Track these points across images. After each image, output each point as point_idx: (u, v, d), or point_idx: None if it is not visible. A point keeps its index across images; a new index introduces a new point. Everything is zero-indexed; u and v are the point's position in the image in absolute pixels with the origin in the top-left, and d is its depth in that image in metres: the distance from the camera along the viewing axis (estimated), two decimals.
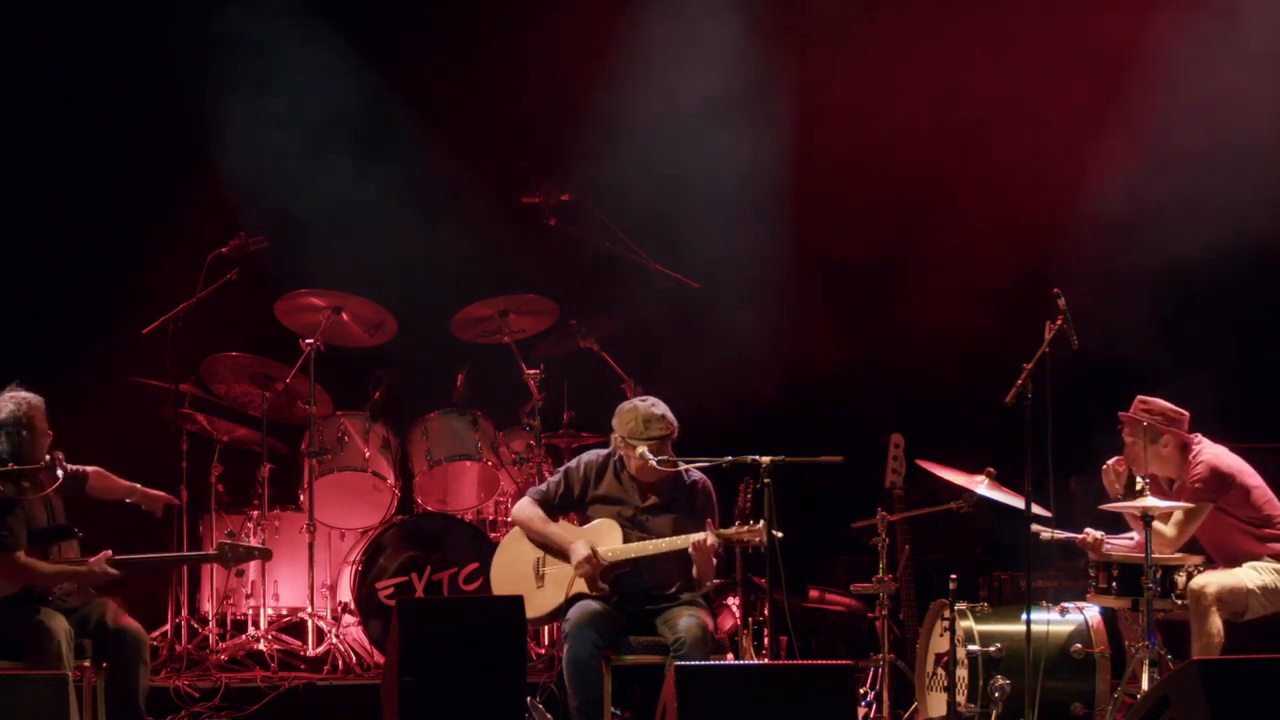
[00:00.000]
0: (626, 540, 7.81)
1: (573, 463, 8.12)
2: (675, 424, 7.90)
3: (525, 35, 10.64)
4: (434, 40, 10.69)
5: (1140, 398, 8.17)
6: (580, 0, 10.49)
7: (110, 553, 7.56)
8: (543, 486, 8.11)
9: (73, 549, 7.60)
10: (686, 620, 7.64)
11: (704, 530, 7.71)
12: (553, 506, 8.02)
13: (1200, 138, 9.89)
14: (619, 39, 10.45)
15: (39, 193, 10.32)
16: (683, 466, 7.84)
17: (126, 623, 7.57)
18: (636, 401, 7.98)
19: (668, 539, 7.76)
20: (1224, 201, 9.88)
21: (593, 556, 7.75)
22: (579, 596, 7.80)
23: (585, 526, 7.95)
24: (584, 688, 7.64)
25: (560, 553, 7.90)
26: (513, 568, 8.02)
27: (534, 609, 7.86)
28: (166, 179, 10.40)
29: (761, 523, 7.48)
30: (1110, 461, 8.21)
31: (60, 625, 7.31)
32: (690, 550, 7.69)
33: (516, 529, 8.08)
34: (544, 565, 7.94)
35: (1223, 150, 9.86)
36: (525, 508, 8.03)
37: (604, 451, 8.08)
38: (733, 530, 7.63)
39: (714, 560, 7.79)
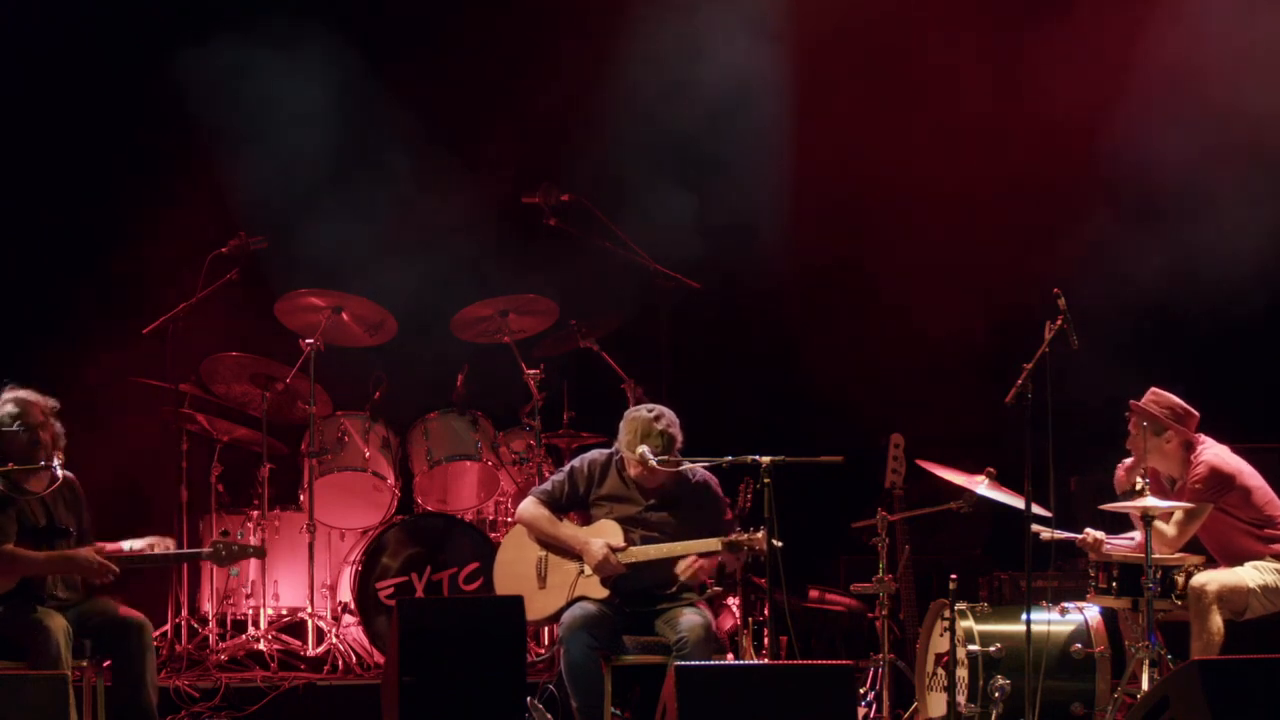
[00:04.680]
0: (627, 541, 7.80)
1: (576, 461, 8.09)
2: (677, 436, 7.87)
3: (526, 34, 10.64)
4: (433, 39, 10.68)
5: (1154, 389, 8.17)
6: None
7: (103, 545, 7.53)
8: (546, 486, 8.06)
9: (67, 548, 7.57)
10: (689, 619, 7.64)
11: (720, 530, 7.73)
12: (559, 506, 7.98)
13: (1207, 136, 9.90)
14: (621, 37, 10.44)
15: (39, 192, 10.31)
16: (684, 466, 7.83)
17: (127, 612, 7.55)
18: (642, 411, 7.94)
19: (683, 543, 7.74)
20: (1227, 201, 9.90)
21: (612, 555, 7.73)
22: (580, 599, 7.79)
23: (586, 528, 7.94)
24: (584, 690, 7.64)
25: (568, 553, 7.88)
26: (514, 568, 8.00)
27: (535, 611, 7.85)
28: (167, 178, 10.39)
29: (760, 532, 7.46)
30: (1122, 464, 8.21)
31: (59, 624, 7.29)
32: (711, 557, 7.73)
33: (518, 528, 8.06)
34: (546, 566, 7.92)
35: (1229, 148, 9.88)
36: (531, 508, 7.99)
37: (608, 450, 8.07)
38: (735, 537, 7.62)
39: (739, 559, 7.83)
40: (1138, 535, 8.02)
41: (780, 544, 7.48)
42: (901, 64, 10.48)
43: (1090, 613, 8.08)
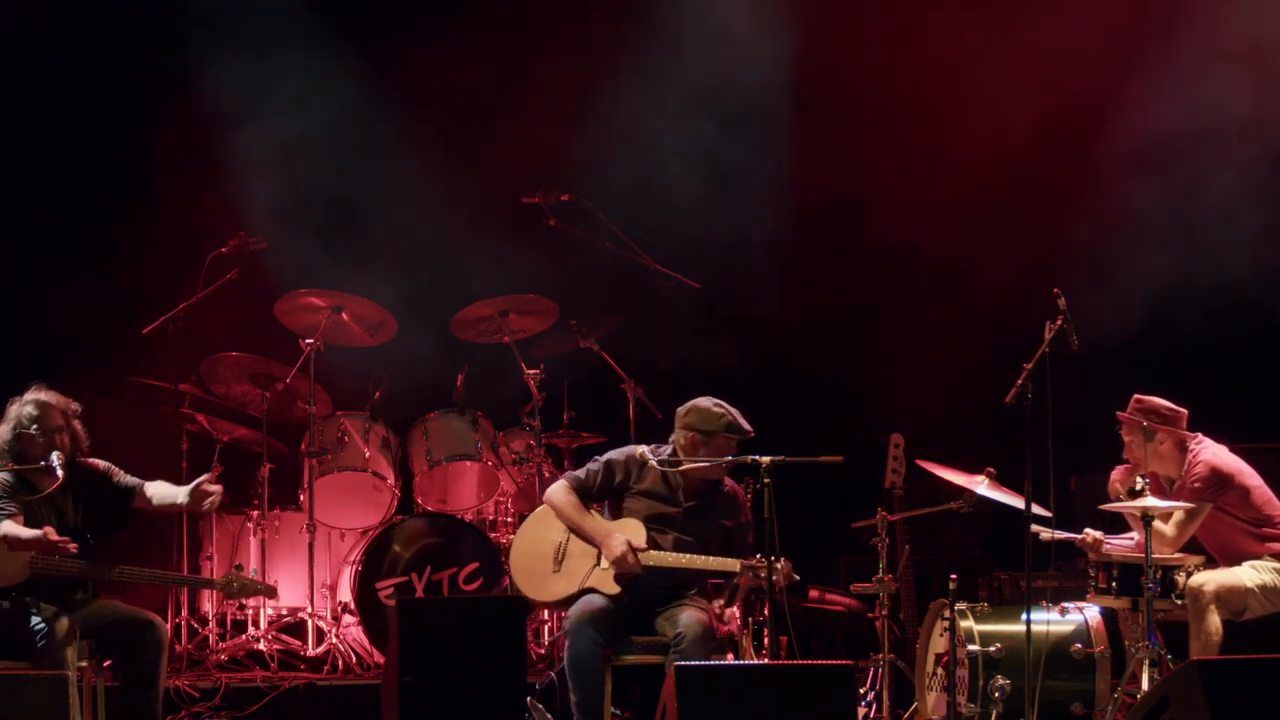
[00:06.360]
0: (654, 542, 7.78)
1: (614, 454, 7.96)
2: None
3: (526, 34, 10.64)
4: (434, 39, 10.68)
5: (1136, 396, 8.17)
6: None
7: (51, 529, 7.41)
8: (579, 474, 7.94)
9: (87, 548, 7.55)
10: (688, 616, 7.62)
11: (744, 552, 7.74)
12: (589, 495, 7.90)
13: (1206, 136, 9.90)
14: (620, 37, 10.45)
15: (39, 192, 10.31)
16: (684, 467, 7.82)
17: (142, 612, 7.55)
18: (706, 401, 7.90)
19: (704, 558, 7.68)
20: (1226, 199, 9.90)
21: (631, 554, 7.70)
22: (590, 591, 7.78)
23: (611, 523, 7.87)
24: (585, 685, 7.62)
25: (589, 543, 7.84)
26: (534, 546, 7.94)
27: (545, 593, 7.86)
28: (167, 178, 10.39)
29: (781, 561, 7.46)
30: (1114, 473, 8.20)
31: (66, 624, 7.29)
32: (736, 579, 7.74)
33: (546, 508, 7.99)
34: (565, 551, 7.89)
35: (1228, 145, 9.89)
36: (561, 494, 7.90)
37: (646, 447, 7.95)
38: (756, 562, 7.58)
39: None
40: (1137, 535, 8.03)
41: (798, 578, 7.51)
42: (901, 62, 10.47)
43: (1090, 613, 8.08)
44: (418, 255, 10.42)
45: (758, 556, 7.59)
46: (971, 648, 7.92)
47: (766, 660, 8.01)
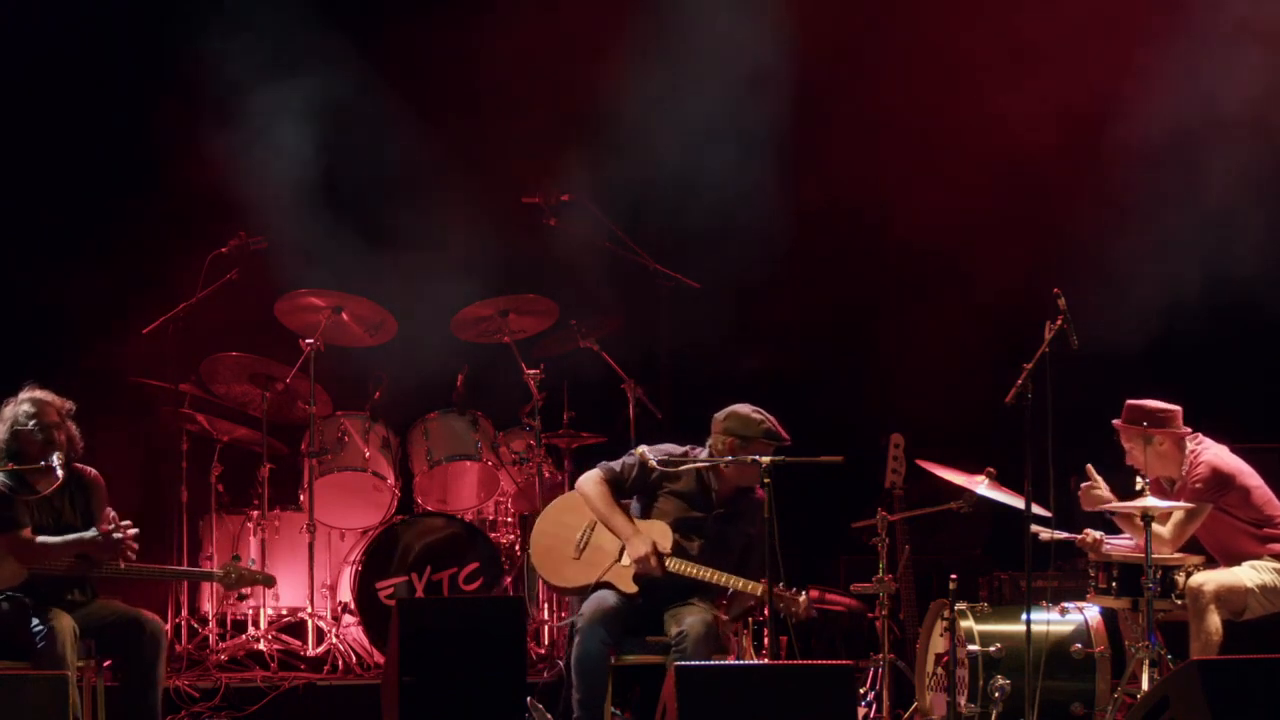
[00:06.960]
0: (679, 549, 7.76)
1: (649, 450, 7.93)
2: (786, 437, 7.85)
3: (527, 32, 10.63)
4: (435, 37, 10.68)
5: (1129, 402, 8.16)
6: None
7: (113, 514, 7.48)
8: (614, 465, 7.90)
9: None
10: (693, 617, 7.60)
11: (760, 559, 7.63)
12: (621, 488, 7.88)
13: (1207, 136, 9.91)
14: (620, 36, 10.45)
15: (39, 192, 10.31)
16: (684, 467, 7.81)
17: (142, 612, 7.55)
18: (745, 408, 7.89)
19: (725, 576, 7.63)
20: (1228, 199, 9.90)
21: (655, 556, 7.67)
22: (606, 585, 7.76)
23: (640, 521, 7.85)
24: (589, 683, 7.61)
25: (615, 536, 7.82)
26: (559, 530, 7.92)
27: (560, 577, 7.87)
28: (166, 177, 10.39)
29: (804, 596, 7.45)
30: (1083, 485, 8.18)
31: (66, 624, 7.29)
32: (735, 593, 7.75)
33: (577, 496, 7.95)
34: (588, 540, 7.87)
35: (1230, 147, 9.89)
36: (593, 484, 7.86)
37: (682, 447, 7.92)
38: (777, 591, 7.51)
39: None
40: (1135, 537, 8.02)
41: (815, 614, 7.48)
42: (904, 63, 10.47)
43: (1090, 613, 8.08)
44: (418, 255, 10.41)
45: (779, 585, 7.52)
46: (971, 648, 7.92)
47: (766, 660, 8.01)
